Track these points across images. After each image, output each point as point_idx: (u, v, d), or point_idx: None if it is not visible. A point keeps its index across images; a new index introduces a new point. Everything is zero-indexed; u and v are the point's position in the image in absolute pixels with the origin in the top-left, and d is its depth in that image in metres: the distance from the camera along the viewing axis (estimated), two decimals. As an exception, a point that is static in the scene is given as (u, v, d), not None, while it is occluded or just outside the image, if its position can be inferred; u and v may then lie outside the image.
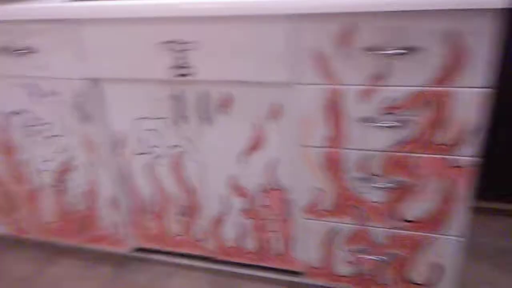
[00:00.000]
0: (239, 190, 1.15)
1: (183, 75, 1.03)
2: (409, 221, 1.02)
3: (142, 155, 1.20)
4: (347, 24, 0.87)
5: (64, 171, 1.28)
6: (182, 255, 1.35)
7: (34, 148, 1.27)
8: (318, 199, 1.07)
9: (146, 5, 0.97)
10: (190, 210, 1.24)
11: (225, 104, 1.05)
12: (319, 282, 1.19)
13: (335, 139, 0.98)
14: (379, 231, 1.06)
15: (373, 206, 1.03)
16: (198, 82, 1.04)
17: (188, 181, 1.19)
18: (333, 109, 0.95)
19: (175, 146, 1.15)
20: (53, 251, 1.51)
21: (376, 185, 1.00)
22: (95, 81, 1.13)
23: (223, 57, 0.98)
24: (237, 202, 1.17)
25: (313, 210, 1.09)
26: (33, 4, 1.06)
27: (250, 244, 1.22)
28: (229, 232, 1.23)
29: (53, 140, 1.23)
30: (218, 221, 1.22)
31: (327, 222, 1.09)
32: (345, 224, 1.08)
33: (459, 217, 0.98)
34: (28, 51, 1.11)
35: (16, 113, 1.23)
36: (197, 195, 1.20)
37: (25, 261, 1.48)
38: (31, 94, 1.18)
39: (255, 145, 1.08)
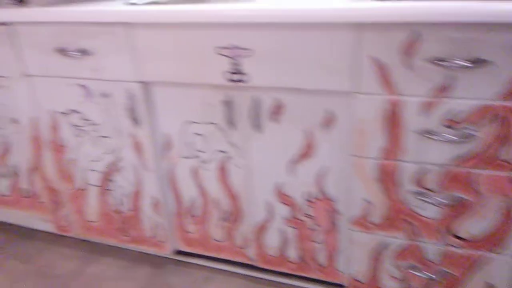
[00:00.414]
0: (285, 198, 1.14)
1: (236, 81, 1.02)
2: (463, 239, 0.98)
3: (188, 159, 1.20)
4: (412, 34, 0.85)
5: (110, 172, 1.30)
6: (222, 261, 1.34)
7: (82, 148, 1.29)
8: (367, 211, 1.04)
9: (201, 11, 0.97)
10: (233, 216, 1.23)
11: (276, 111, 1.04)
12: (363, 296, 1.16)
13: (392, 150, 0.95)
14: (431, 247, 1.02)
15: (426, 221, 1.00)
16: (251, 88, 1.04)
17: (233, 187, 1.19)
18: (392, 120, 0.92)
19: (222, 151, 1.15)
20: (93, 249, 1.53)
21: (431, 200, 0.97)
22: (146, 84, 1.14)
23: (277, 64, 0.97)
24: (282, 210, 1.16)
25: (361, 222, 1.06)
26: (90, 7, 1.09)
27: (293, 253, 1.20)
28: (272, 240, 1.21)
29: (101, 141, 1.25)
30: (261, 229, 1.21)
31: (375, 236, 1.07)
32: (395, 239, 1.05)
33: (519, 238, 0.94)
34: (84, 53, 1.13)
35: (67, 112, 1.25)
36: (241, 201, 1.20)
37: (66, 258, 1.51)
38: (83, 95, 1.20)
39: (304, 154, 1.07)
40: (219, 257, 1.33)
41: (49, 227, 1.52)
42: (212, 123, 1.12)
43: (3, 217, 1.62)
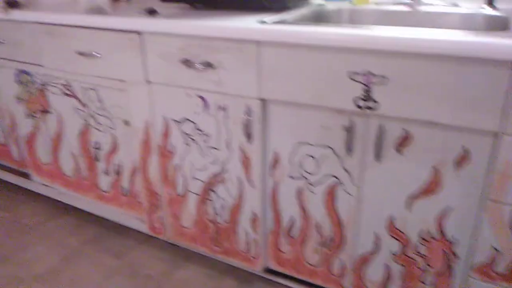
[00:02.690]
0: (396, 233, 1.09)
1: (364, 107, 1.00)
2: None
3: (294, 179, 1.19)
4: None
5: (213, 182, 1.32)
6: (312, 286, 1.31)
7: (189, 156, 1.33)
8: (494, 259, 0.97)
9: (337, 34, 0.96)
10: (334, 243, 1.20)
11: (403, 143, 1.00)
12: None
13: (537, 200, 0.88)
14: None
15: None
16: (378, 117, 1.00)
17: (339, 214, 1.16)
18: (543, 167, 0.85)
19: (334, 176, 1.12)
20: (181, 254, 1.57)
21: None
22: (265, 101, 1.15)
23: (413, 95, 0.93)
24: (391, 245, 1.11)
25: (484, 271, 0.99)
26: (219, 22, 1.12)
27: (395, 290, 1.15)
28: (374, 274, 1.16)
29: (210, 151, 1.28)
30: (364, 260, 1.16)
31: (497, 287, 0.98)
32: (522, 294, 0.96)
33: None
34: (207, 65, 1.17)
35: (181, 121, 1.29)
36: (346, 229, 1.16)
37: (156, 259, 1.56)
38: (201, 106, 1.23)
39: (427, 190, 1.01)
40: (310, 281, 1.29)
41: (142, 227, 1.57)
42: (327, 147, 1.10)
43: (100, 211, 1.70)
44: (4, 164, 1.97)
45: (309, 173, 1.16)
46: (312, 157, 1.14)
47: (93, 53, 1.36)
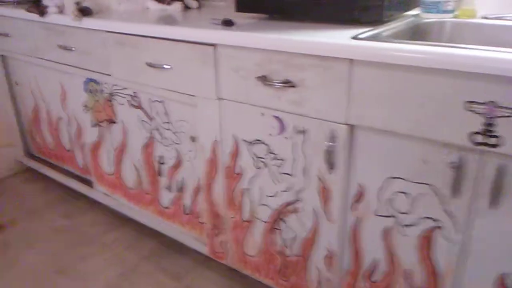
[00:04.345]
0: (510, 295, 0.90)
1: (478, 143, 0.82)
2: None
3: (381, 217, 1.03)
4: None
5: (284, 212, 1.19)
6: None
7: (259, 181, 1.21)
8: None
9: (448, 55, 0.80)
10: (425, 295, 1.03)
11: (530, 189, 0.82)
12: None
13: None
14: None
15: None
16: (498, 155, 0.82)
17: (435, 263, 0.98)
18: None
19: (432, 218, 0.95)
20: (243, 282, 1.45)
21: None
22: (352, 127, 1.00)
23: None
24: (501, 307, 0.92)
25: None
26: (303, 36, 0.99)
27: None
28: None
29: (283, 177, 1.15)
30: (463, 320, 0.98)
31: None
32: None
33: None
34: (287, 83, 1.04)
35: (253, 142, 1.18)
36: (444, 281, 0.98)
37: (214, 285, 1.46)
38: (276, 127, 1.11)
39: (559, 249, 0.82)
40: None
41: (203, 248, 1.48)
42: (427, 184, 0.94)
43: (159, 226, 1.64)
44: (69, 170, 1.98)
45: (401, 212, 1.00)
46: (405, 194, 0.98)
47: (163, 65, 1.28)
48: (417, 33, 1.14)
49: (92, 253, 1.65)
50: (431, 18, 1.20)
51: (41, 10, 1.57)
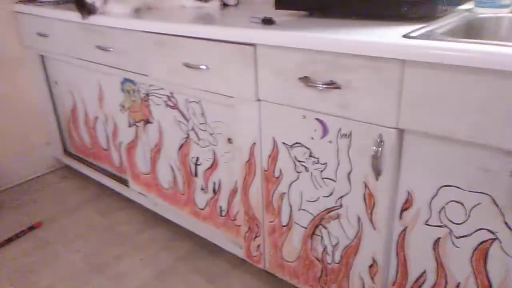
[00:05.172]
0: None
1: (548, 151, 0.75)
2: None
3: (431, 227, 0.97)
4: None
5: (325, 217, 1.15)
6: None
7: (298, 185, 1.17)
8: None
9: (509, 55, 0.73)
10: (479, 311, 0.96)
11: None
12: None
13: None
14: None
15: None
16: None
17: (490, 277, 0.92)
18: None
19: (489, 230, 0.89)
20: (277, 286, 1.42)
21: None
22: (402, 132, 0.94)
23: None
24: None
25: None
26: (350, 35, 0.94)
27: None
28: None
29: (324, 182, 1.11)
30: None
31: None
32: None
33: None
34: (331, 85, 1.00)
35: (293, 145, 1.14)
36: (499, 298, 0.92)
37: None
38: (318, 130, 1.07)
39: None
40: None
41: (239, 251, 1.46)
42: (485, 194, 0.87)
43: (193, 227, 1.63)
44: (105, 168, 2.00)
45: (454, 223, 0.94)
46: (460, 203, 0.91)
47: (201, 65, 1.26)
48: (472, 29, 1.06)
49: (128, 252, 1.66)
50: (486, 13, 1.11)
51: (89, 9, 1.53)
